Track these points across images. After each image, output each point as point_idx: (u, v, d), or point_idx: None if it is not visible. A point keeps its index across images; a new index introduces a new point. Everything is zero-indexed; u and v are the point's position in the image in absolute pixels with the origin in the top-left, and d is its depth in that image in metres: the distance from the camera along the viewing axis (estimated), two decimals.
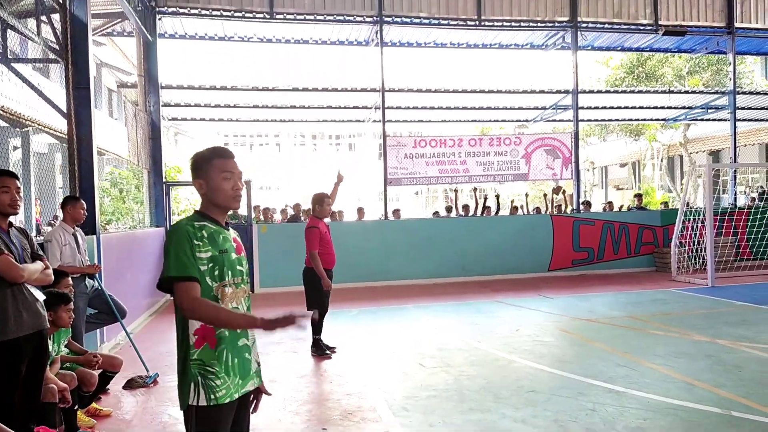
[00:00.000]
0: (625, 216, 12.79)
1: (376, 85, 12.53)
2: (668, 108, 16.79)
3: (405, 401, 4.60)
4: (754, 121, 19.00)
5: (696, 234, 11.12)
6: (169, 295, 2.20)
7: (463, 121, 17.30)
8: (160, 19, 11.07)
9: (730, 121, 14.44)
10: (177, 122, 15.84)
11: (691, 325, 7.07)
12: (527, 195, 14.03)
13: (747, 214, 12.50)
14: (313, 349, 6.12)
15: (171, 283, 2.03)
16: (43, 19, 6.45)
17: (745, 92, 15.79)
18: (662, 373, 5.11)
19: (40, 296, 3.44)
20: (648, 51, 16.23)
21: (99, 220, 6.56)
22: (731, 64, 14.33)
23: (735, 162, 14.77)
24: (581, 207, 13.06)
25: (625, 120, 19.76)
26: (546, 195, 13.40)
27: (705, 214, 10.40)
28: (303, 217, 11.85)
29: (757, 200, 15.41)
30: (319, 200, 6.17)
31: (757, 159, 24.09)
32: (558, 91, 14.10)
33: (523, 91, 14.26)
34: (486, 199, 12.91)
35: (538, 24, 12.78)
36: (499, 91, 14.12)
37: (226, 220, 2.29)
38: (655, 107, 16.68)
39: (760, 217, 12.26)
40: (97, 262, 5.85)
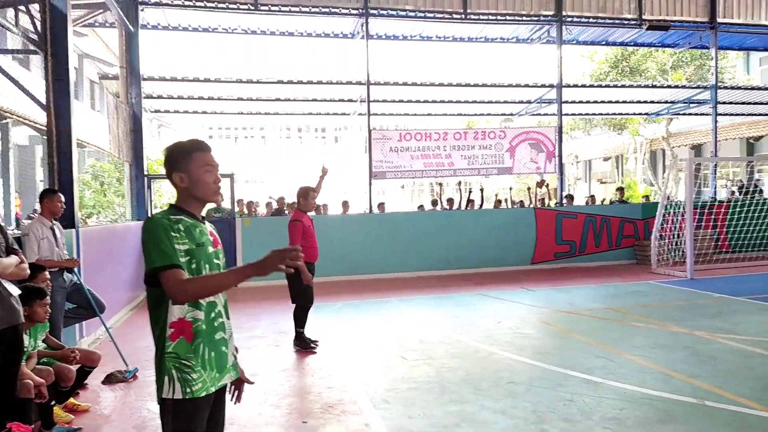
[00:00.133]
0: (607, 209, 12.93)
1: (361, 78, 12.48)
2: (651, 102, 16.95)
3: (386, 394, 4.63)
4: (736, 115, 19.23)
5: (676, 227, 11.28)
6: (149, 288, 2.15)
7: (448, 115, 17.31)
8: (142, 10, 10.91)
9: (712, 115, 14.61)
10: (160, 114, 15.64)
11: (670, 316, 7.19)
12: (511, 189, 14.11)
13: (726, 208, 12.70)
14: (297, 342, 6.12)
15: (156, 274, 2.01)
16: (22, 9, 6.34)
17: (726, 87, 15.96)
18: (639, 364, 5.19)
19: (15, 291, 3.40)
20: (632, 45, 16.35)
21: (78, 214, 6.49)
22: (713, 59, 14.50)
23: (716, 156, 14.98)
24: (564, 200, 13.17)
25: (609, 114, 19.91)
26: (530, 188, 13.49)
27: (685, 208, 10.54)
28: (287, 210, 11.82)
29: (736, 194, 15.64)
30: (304, 194, 6.16)
31: (737, 153, 24.41)
32: (543, 85, 14.15)
33: (509, 85, 14.28)
34: (470, 192, 12.96)
35: (524, 18, 12.81)
36: (485, 85, 14.13)
37: (207, 213, 2.29)
38: (639, 101, 16.83)
39: (739, 210, 12.46)
40: (76, 256, 5.79)
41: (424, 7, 12.21)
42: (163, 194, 14.72)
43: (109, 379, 5.02)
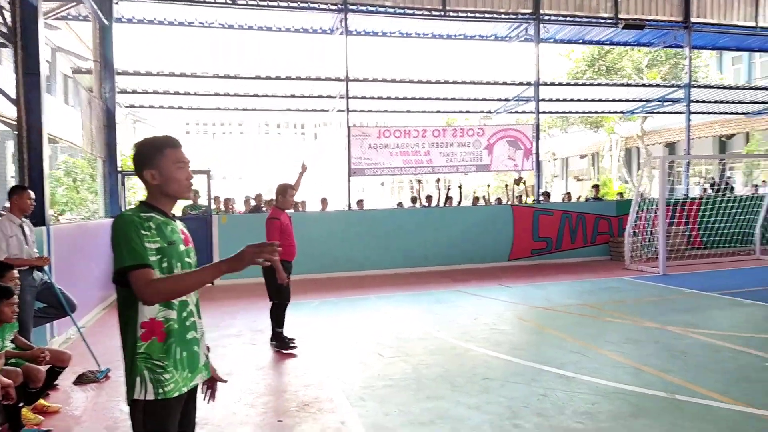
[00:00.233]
0: (583, 206, 13.09)
1: (340, 74, 12.44)
2: (626, 101, 17.19)
3: (362, 391, 4.63)
4: (708, 114, 19.62)
5: (649, 224, 11.48)
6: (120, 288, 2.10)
7: (428, 112, 17.34)
8: (116, 3, 10.72)
9: (685, 113, 14.88)
10: (135, 109, 15.37)
11: (642, 312, 7.32)
12: (489, 186, 14.21)
13: (699, 205, 12.95)
14: (277, 343, 5.99)
15: (126, 273, 1.97)
16: None
17: (700, 86, 16.26)
18: (612, 359, 5.28)
19: None
20: (608, 44, 16.58)
21: (49, 211, 6.35)
22: (687, 58, 14.77)
23: (689, 154, 15.27)
24: (541, 198, 13.30)
25: (586, 112, 20.16)
26: (508, 186, 13.60)
27: (658, 205, 10.73)
28: (264, 207, 11.73)
29: (709, 191, 15.97)
30: (282, 191, 6.10)
31: (710, 151, 24.96)
32: (521, 83, 14.25)
33: (487, 83, 14.36)
34: (449, 189, 13.01)
35: (502, 16, 12.89)
36: (464, 82, 14.19)
37: (183, 211, 2.26)
38: (614, 100, 17.05)
39: (711, 207, 12.73)
40: (47, 254, 5.67)
41: (403, 4, 12.21)
42: (138, 191, 14.49)
43: (81, 380, 4.93)
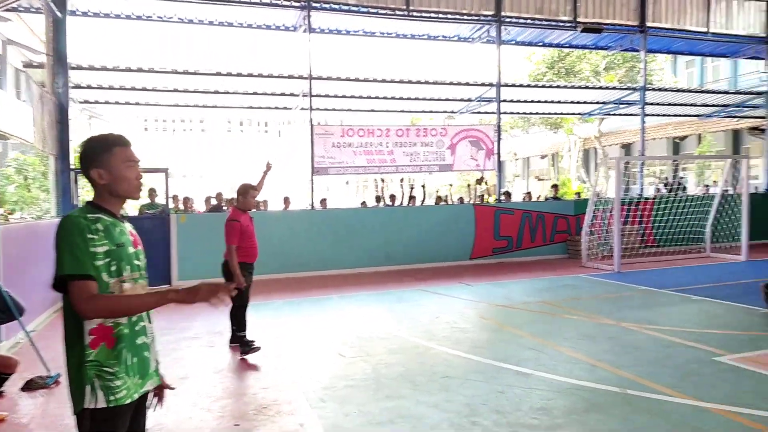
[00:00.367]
0: (542, 206, 13.36)
1: (304, 72, 12.34)
2: (585, 102, 17.64)
3: (322, 392, 4.61)
4: (663, 116, 20.27)
5: (605, 222, 11.80)
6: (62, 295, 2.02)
7: (391, 111, 17.37)
8: None
9: (640, 115, 15.33)
10: (90, 105, 14.88)
11: (598, 309, 7.52)
12: (451, 185, 14.33)
13: (652, 204, 13.39)
14: (241, 348, 5.75)
15: (65, 281, 1.91)
16: None
17: (654, 89, 16.78)
18: (568, 355, 5.40)
19: None
20: (567, 47, 16.91)
21: None
22: (642, 61, 15.23)
23: (643, 155, 15.75)
24: (502, 197, 13.50)
25: (545, 113, 20.55)
26: (470, 185, 13.76)
27: (614, 204, 11.03)
28: (225, 206, 11.54)
29: (662, 190, 16.50)
30: (244, 191, 5.95)
31: (664, 152, 25.84)
32: (483, 84, 14.42)
33: (450, 83, 14.48)
34: (412, 189, 13.07)
35: (465, 17, 13.02)
36: (427, 82, 14.27)
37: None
38: (573, 102, 17.46)
39: (664, 206, 13.17)
40: None
41: (367, 3, 12.19)
42: (91, 189, 14.05)
43: (29, 386, 4.74)
